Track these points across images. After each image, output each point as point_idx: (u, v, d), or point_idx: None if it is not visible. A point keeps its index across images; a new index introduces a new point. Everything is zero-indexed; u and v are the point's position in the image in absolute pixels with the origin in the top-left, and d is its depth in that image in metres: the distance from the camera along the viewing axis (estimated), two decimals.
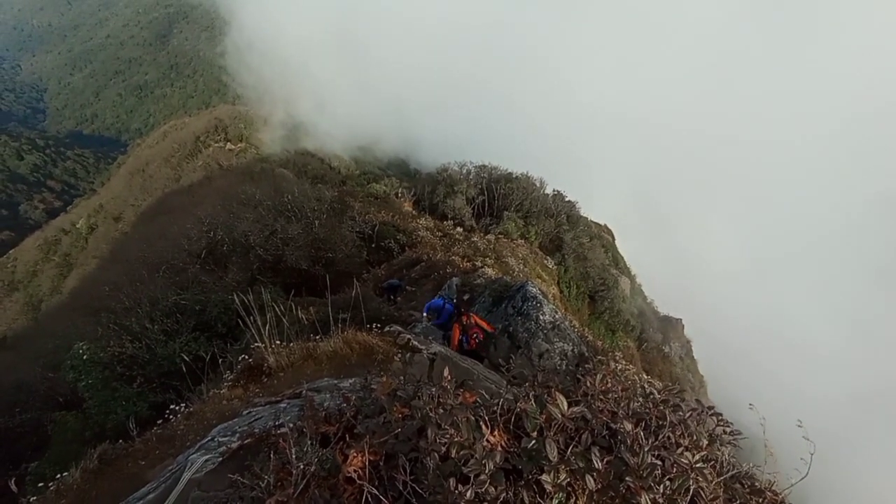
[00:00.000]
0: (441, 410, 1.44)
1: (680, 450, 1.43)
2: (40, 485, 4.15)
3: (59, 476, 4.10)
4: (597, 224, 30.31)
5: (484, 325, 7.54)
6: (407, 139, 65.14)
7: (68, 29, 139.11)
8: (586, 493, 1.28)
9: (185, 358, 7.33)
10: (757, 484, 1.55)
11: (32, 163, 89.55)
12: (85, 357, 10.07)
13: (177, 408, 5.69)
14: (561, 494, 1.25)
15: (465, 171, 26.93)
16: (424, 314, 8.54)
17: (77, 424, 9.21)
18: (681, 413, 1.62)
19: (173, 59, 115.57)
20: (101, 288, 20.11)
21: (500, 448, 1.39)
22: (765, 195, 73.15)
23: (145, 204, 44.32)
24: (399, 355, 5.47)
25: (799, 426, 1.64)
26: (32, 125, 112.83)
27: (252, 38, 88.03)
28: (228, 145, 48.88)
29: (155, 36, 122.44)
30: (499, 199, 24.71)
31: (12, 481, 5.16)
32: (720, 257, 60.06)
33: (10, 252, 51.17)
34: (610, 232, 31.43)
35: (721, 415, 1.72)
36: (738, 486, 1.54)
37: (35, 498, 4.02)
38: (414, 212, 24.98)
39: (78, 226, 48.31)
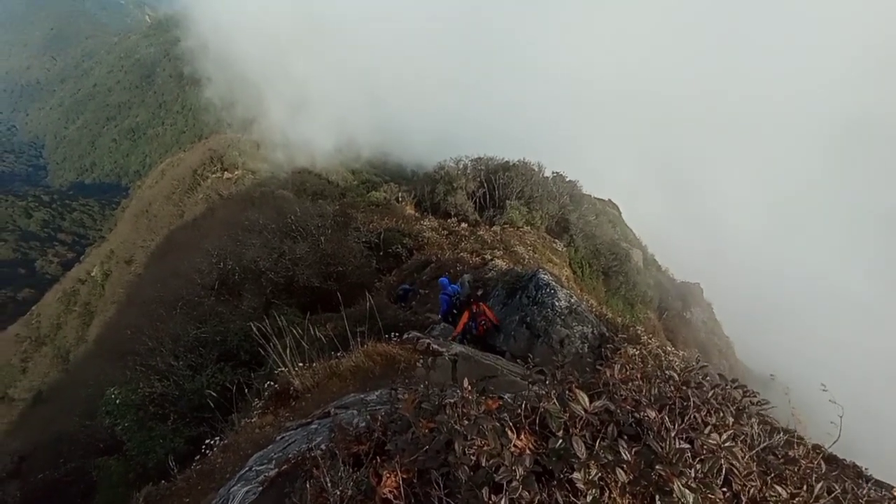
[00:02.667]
0: (466, 421, 1.45)
1: (707, 429, 1.42)
2: None
3: None
4: (601, 200, 30.04)
5: (491, 315, 7.72)
6: (397, 141, 65.14)
7: (56, 83, 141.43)
8: (619, 485, 1.28)
9: (213, 393, 7.45)
10: (791, 453, 1.54)
11: (41, 219, 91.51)
12: (118, 401, 10.30)
13: (212, 441, 5.81)
14: (594, 490, 1.26)
15: (461, 166, 26.86)
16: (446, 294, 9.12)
17: (120, 468, 9.44)
18: (704, 391, 1.62)
19: (160, 97, 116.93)
20: (123, 332, 20.52)
21: (528, 451, 1.41)
22: (785, 150, 71.55)
23: (153, 244, 45.04)
24: (421, 361, 5.50)
25: (823, 390, 1.62)
26: (36, 182, 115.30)
27: (227, 59, 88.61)
28: (226, 174, 49.37)
29: (140, 78, 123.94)
30: (499, 189, 24.61)
31: None
32: (741, 217, 59.09)
33: (33, 308, 52.37)
34: (615, 206, 31.13)
35: (746, 386, 1.71)
36: (771, 457, 1.53)
37: None
38: (417, 214, 25.00)
39: (93, 274, 49.28)
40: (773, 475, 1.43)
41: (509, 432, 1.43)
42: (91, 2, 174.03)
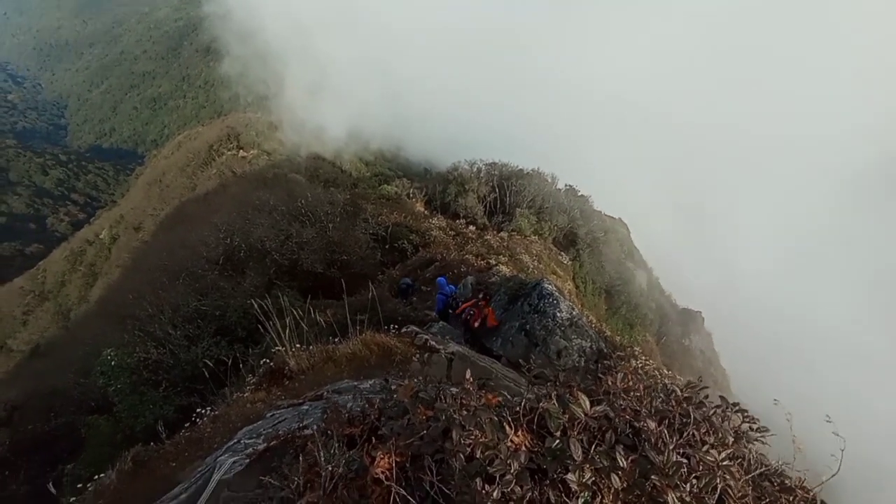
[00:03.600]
0: (465, 412, 1.46)
1: (705, 447, 1.42)
2: (78, 485, 4.32)
3: (96, 477, 4.26)
4: (611, 217, 29.91)
5: (491, 316, 7.80)
6: (409, 137, 65.30)
7: (84, 46, 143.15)
8: (612, 491, 1.28)
9: (208, 363, 7.51)
10: (787, 482, 1.53)
11: (57, 177, 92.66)
12: (113, 363, 10.41)
13: (203, 411, 5.85)
14: (587, 493, 1.26)
15: (475, 170, 26.88)
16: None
17: (109, 428, 9.54)
18: (705, 410, 1.61)
19: (185, 70, 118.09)
20: (125, 296, 20.72)
21: (524, 448, 1.41)
22: (804, 189, 70.92)
23: (163, 213, 45.43)
24: (417, 356, 5.52)
25: (828, 421, 1.60)
26: (55, 141, 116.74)
27: (251, 35, 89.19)
28: (241, 153, 49.70)
29: (167, 49, 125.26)
30: (511, 196, 24.60)
31: (50, 483, 5.38)
32: (751, 249, 58.62)
33: (40, 264, 53.06)
34: (624, 225, 30.98)
35: (747, 411, 1.70)
36: (766, 483, 1.52)
37: (74, 499, 4.19)
38: (426, 212, 25.04)
39: (101, 236, 49.81)
40: (767, 501, 1.43)
41: (507, 427, 1.44)
42: None
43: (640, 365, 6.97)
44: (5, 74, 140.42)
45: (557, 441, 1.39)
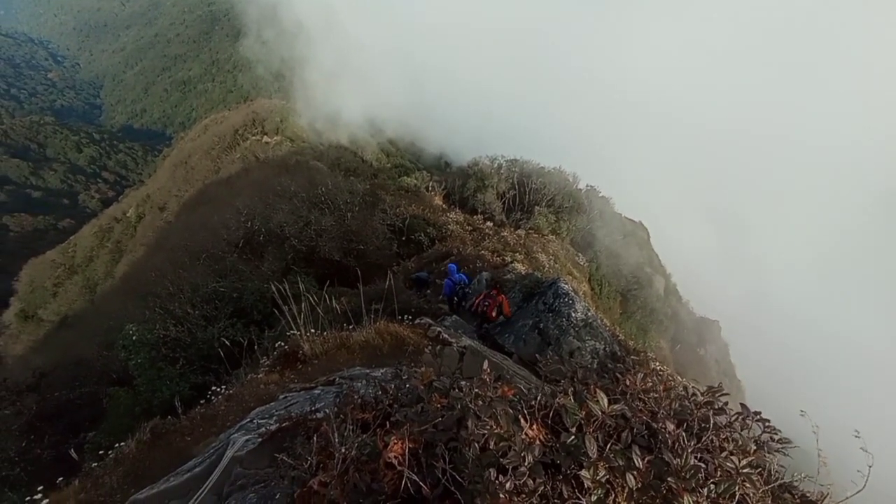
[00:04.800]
0: (480, 402, 1.46)
1: (724, 453, 1.39)
2: (100, 452, 4.50)
3: (116, 445, 4.43)
4: (631, 221, 29.36)
5: (505, 305, 7.76)
6: (429, 128, 65.03)
7: (122, 28, 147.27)
8: (626, 491, 1.27)
9: (225, 342, 7.70)
10: (808, 495, 1.49)
11: (90, 155, 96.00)
12: (134, 338, 10.78)
13: (218, 389, 6.01)
14: (600, 491, 1.25)
15: (496, 165, 26.69)
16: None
17: (128, 400, 9.90)
18: (725, 416, 1.57)
19: (214, 55, 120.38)
20: (148, 274, 21.37)
21: (538, 442, 1.40)
22: (829, 200, 68.26)
23: (187, 195, 46.53)
24: (429, 347, 5.54)
25: (856, 437, 1.54)
26: (90, 120, 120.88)
27: (284, 27, 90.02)
28: (265, 138, 50.44)
29: (198, 33, 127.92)
30: (530, 193, 24.36)
31: (72, 450, 5.62)
32: (782, 260, 56.80)
33: (71, 238, 55.19)
34: (645, 230, 30.36)
35: (769, 421, 1.65)
36: (787, 495, 1.48)
37: (96, 464, 4.37)
38: (444, 206, 25.01)
39: (128, 215, 51.44)
40: None
41: (522, 420, 1.43)
42: None
43: (658, 366, 6.85)
44: (47, 52, 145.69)
45: (573, 437, 1.37)
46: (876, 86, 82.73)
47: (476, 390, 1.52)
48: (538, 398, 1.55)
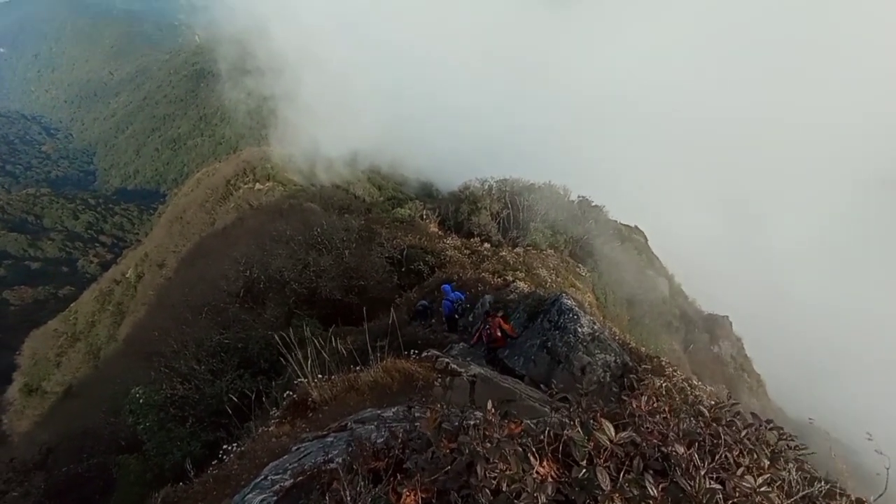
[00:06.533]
0: (488, 444, 1.44)
1: (740, 471, 1.36)
2: None
3: None
4: (627, 226, 29.52)
5: (507, 327, 7.70)
6: (418, 156, 65.86)
7: (111, 96, 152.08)
8: None
9: (233, 398, 7.59)
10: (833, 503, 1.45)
11: (86, 221, 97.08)
12: (141, 401, 10.61)
13: (229, 447, 5.87)
14: None
15: (486, 187, 27.04)
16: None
17: (138, 467, 9.65)
18: (736, 429, 1.55)
19: (202, 110, 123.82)
20: (151, 333, 21.23)
21: (550, 479, 1.38)
22: (853, 191, 67.63)
23: (185, 249, 46.80)
24: (439, 380, 5.46)
25: (868, 439, 1.52)
26: (85, 187, 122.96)
27: (267, 76, 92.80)
28: (257, 185, 51.23)
29: (185, 91, 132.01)
30: (523, 211, 24.58)
31: None
32: (795, 250, 56.19)
33: (72, 305, 55.04)
34: (641, 233, 30.49)
35: (782, 428, 1.63)
36: None
37: None
38: (440, 232, 25.16)
39: (127, 275, 51.51)
40: None
41: (532, 458, 1.41)
42: (149, 24, 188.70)
43: (663, 384, 6.74)
44: (40, 127, 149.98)
45: (584, 471, 1.36)
46: (880, 63, 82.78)
47: (483, 431, 1.51)
48: (546, 432, 1.54)
